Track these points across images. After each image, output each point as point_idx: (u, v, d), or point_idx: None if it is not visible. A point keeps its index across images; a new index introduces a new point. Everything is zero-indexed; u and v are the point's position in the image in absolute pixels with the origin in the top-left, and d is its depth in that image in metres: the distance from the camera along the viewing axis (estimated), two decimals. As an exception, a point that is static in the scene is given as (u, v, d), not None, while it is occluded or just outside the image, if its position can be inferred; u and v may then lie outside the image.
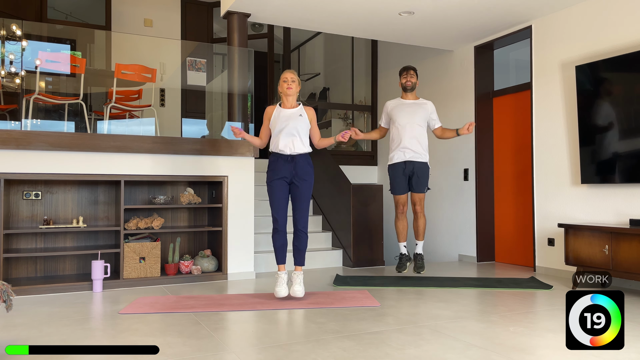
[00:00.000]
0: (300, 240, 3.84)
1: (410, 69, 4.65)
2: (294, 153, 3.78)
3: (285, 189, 3.82)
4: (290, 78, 3.85)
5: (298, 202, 3.82)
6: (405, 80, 4.62)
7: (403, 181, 4.55)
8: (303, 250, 3.87)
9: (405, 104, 4.60)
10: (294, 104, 3.89)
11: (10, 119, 5.42)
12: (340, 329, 2.98)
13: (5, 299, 2.48)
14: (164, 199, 4.69)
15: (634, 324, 3.09)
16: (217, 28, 7.97)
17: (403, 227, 4.62)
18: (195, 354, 2.55)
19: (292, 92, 3.84)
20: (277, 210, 3.79)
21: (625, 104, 4.29)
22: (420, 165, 4.53)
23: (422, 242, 4.67)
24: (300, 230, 3.82)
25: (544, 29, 5.14)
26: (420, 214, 4.53)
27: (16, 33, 5.06)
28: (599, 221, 4.51)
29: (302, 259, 3.88)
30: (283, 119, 3.81)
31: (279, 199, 3.79)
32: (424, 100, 4.68)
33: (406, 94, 4.63)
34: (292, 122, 3.79)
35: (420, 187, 4.53)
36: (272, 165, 3.84)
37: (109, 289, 4.25)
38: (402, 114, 4.56)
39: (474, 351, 2.59)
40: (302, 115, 3.84)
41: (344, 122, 8.13)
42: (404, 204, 4.54)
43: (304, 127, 3.83)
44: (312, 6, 4.95)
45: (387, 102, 4.78)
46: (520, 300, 3.80)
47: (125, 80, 5.26)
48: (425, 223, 4.61)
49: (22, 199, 4.40)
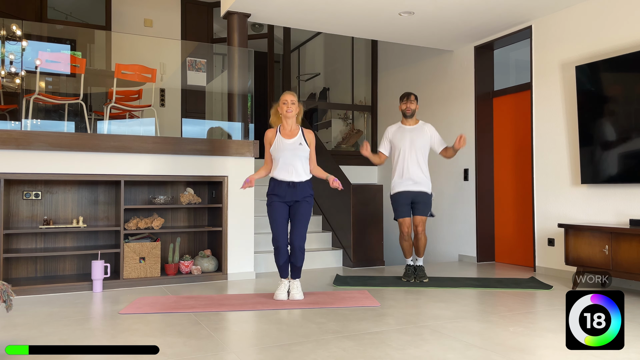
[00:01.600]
0: (297, 258, 3.80)
1: (411, 94, 4.67)
2: (294, 181, 3.77)
3: (285, 209, 3.80)
4: (290, 100, 3.80)
5: (297, 222, 3.78)
6: (405, 107, 4.63)
7: (406, 207, 4.57)
8: (300, 267, 3.85)
9: (406, 130, 4.61)
10: (293, 127, 3.84)
11: (10, 119, 5.42)
12: (340, 329, 2.98)
13: (5, 299, 2.48)
14: (164, 199, 4.69)
15: (634, 324, 3.09)
16: (217, 28, 7.97)
17: (409, 247, 4.66)
18: (195, 354, 2.55)
19: (291, 115, 3.80)
20: (277, 230, 3.77)
21: (625, 104, 4.29)
22: (423, 195, 4.55)
23: (422, 258, 4.69)
24: (296, 248, 3.78)
25: (544, 29, 5.14)
26: (421, 234, 4.55)
27: (16, 33, 5.06)
28: (599, 221, 4.50)
29: (298, 274, 3.88)
30: (283, 149, 3.77)
31: (279, 220, 3.77)
32: (424, 123, 4.68)
33: (406, 119, 4.66)
34: (292, 153, 3.76)
35: (423, 212, 4.55)
36: (272, 190, 3.82)
37: (109, 289, 4.25)
38: (403, 140, 4.58)
39: (474, 351, 2.59)
40: (301, 144, 3.80)
41: (344, 123, 8.13)
42: (409, 226, 4.57)
43: (304, 155, 3.80)
44: (312, 6, 4.95)
45: (388, 127, 4.78)
46: (520, 301, 3.80)
47: (125, 80, 5.26)
48: (426, 242, 4.64)
49: (22, 199, 4.40)
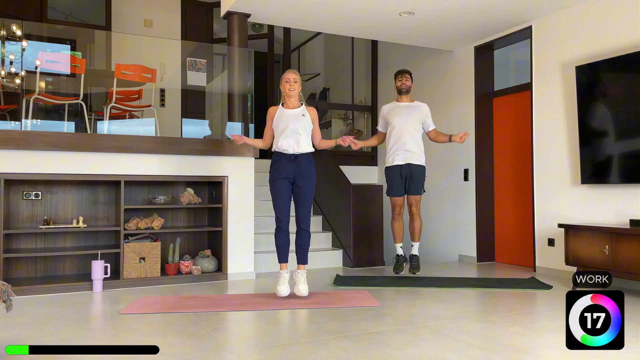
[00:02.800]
0: (303, 240, 3.87)
1: (405, 72, 4.68)
2: (297, 152, 3.81)
3: (288, 188, 3.84)
4: (292, 79, 3.89)
5: (301, 202, 3.85)
6: (401, 83, 4.65)
7: (400, 183, 4.57)
8: (306, 249, 3.90)
9: (401, 107, 4.62)
10: (296, 104, 3.93)
11: (11, 119, 5.42)
12: (340, 329, 2.98)
13: (5, 299, 2.48)
14: (164, 199, 4.69)
15: (634, 324, 3.09)
16: (217, 28, 7.97)
17: (399, 228, 4.64)
18: (195, 354, 2.55)
19: (294, 93, 3.89)
20: (280, 210, 3.82)
21: (625, 104, 4.29)
22: (417, 168, 4.54)
23: (418, 244, 4.68)
24: (303, 230, 3.86)
25: (544, 29, 5.14)
26: (416, 215, 4.54)
27: (16, 33, 5.06)
28: (599, 221, 4.50)
29: (305, 258, 3.91)
30: (286, 118, 3.85)
31: (282, 199, 3.82)
32: (419, 102, 4.69)
33: (401, 96, 4.66)
34: (295, 122, 3.83)
35: (416, 190, 4.54)
36: (275, 165, 3.86)
37: (109, 289, 4.25)
38: (398, 116, 4.58)
39: (473, 351, 2.59)
40: (304, 115, 3.89)
41: (344, 123, 8.12)
42: (401, 205, 4.56)
43: (306, 126, 3.88)
44: (312, 6, 4.95)
45: (382, 106, 4.80)
46: (520, 301, 3.80)
47: (125, 80, 5.26)
48: (421, 224, 4.62)
49: (22, 199, 4.40)
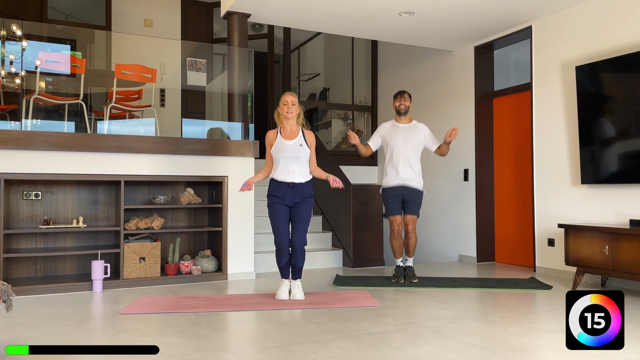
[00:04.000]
0: (297, 259, 3.81)
1: (405, 93, 4.67)
2: (295, 182, 3.78)
3: (286, 211, 3.81)
4: (290, 101, 3.83)
5: (298, 223, 3.80)
6: (399, 104, 4.63)
7: (397, 202, 4.56)
8: (301, 267, 3.87)
9: (400, 128, 4.61)
10: (294, 128, 3.87)
11: (11, 119, 5.42)
12: (340, 329, 2.98)
13: (5, 299, 2.48)
14: (164, 199, 4.69)
15: (634, 324, 3.09)
16: (217, 28, 7.97)
17: (399, 246, 4.65)
18: (195, 354, 2.55)
19: (292, 116, 3.82)
20: (279, 232, 3.78)
21: (625, 105, 4.29)
22: (414, 192, 4.54)
23: (412, 258, 4.69)
24: (298, 249, 3.79)
25: (544, 30, 5.14)
26: (411, 233, 4.55)
27: (16, 33, 5.06)
28: (599, 221, 4.50)
29: (299, 274, 3.89)
30: (284, 150, 3.79)
31: (281, 221, 3.78)
32: (418, 123, 4.68)
33: (400, 117, 4.65)
34: (293, 154, 3.78)
35: (413, 211, 4.55)
36: (272, 191, 3.83)
37: (109, 289, 4.25)
38: (396, 138, 4.57)
39: (474, 351, 2.59)
40: (302, 145, 3.82)
41: (344, 123, 8.13)
42: (399, 224, 4.57)
43: (304, 156, 3.83)
44: (312, 6, 4.95)
45: (382, 124, 4.79)
46: (520, 301, 3.80)
47: (125, 80, 5.26)
48: (416, 242, 4.64)
49: (22, 199, 4.40)
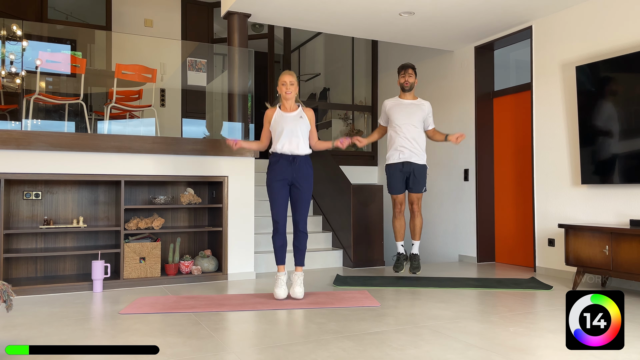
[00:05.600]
0: (300, 241, 3.88)
1: (409, 67, 4.60)
2: (295, 154, 3.81)
3: (285, 190, 3.84)
4: (289, 81, 3.86)
5: (298, 204, 3.85)
6: (404, 80, 4.59)
7: (400, 181, 4.54)
8: (303, 250, 3.91)
9: (403, 104, 4.58)
10: (293, 107, 3.92)
11: (11, 119, 5.42)
12: (340, 329, 2.98)
13: (6, 299, 2.48)
14: (164, 199, 4.69)
15: (634, 324, 3.09)
16: (218, 28, 7.97)
17: (400, 226, 4.62)
18: (196, 354, 2.55)
19: (290, 96, 3.87)
20: (277, 212, 3.82)
21: (625, 105, 4.29)
22: (418, 166, 4.52)
23: (418, 243, 4.65)
24: (300, 231, 3.87)
25: (544, 30, 5.14)
26: (417, 213, 4.51)
27: (16, 33, 5.06)
28: (599, 221, 4.50)
29: (302, 259, 3.91)
30: (284, 121, 3.85)
31: (280, 201, 3.82)
32: (422, 100, 4.66)
33: (404, 93, 4.61)
34: (293, 124, 3.83)
35: (417, 187, 4.52)
36: (272, 166, 3.86)
37: (109, 289, 4.25)
38: (400, 114, 4.54)
39: (474, 352, 2.59)
40: (302, 117, 3.88)
41: (344, 123, 8.12)
42: (402, 203, 4.54)
43: (304, 128, 3.88)
44: (313, 6, 4.95)
45: (385, 101, 4.78)
46: (520, 301, 3.80)
47: (125, 80, 5.26)
48: (422, 223, 4.59)
49: (22, 199, 4.40)
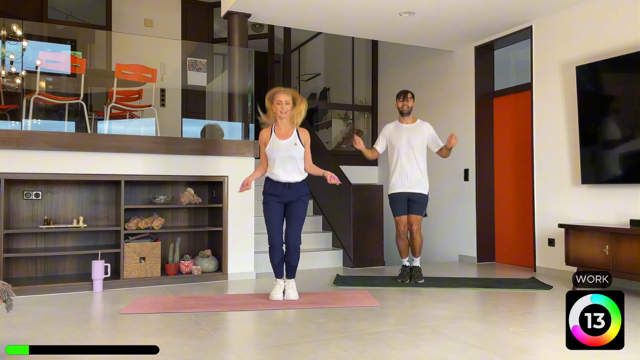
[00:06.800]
0: (291, 257, 3.77)
1: (407, 93, 4.65)
2: (290, 181, 3.75)
3: (281, 208, 3.79)
4: (284, 101, 3.72)
5: (292, 221, 3.77)
6: (402, 105, 4.61)
7: (403, 205, 4.58)
8: (295, 266, 3.83)
9: (403, 129, 4.61)
10: (288, 127, 3.79)
11: (11, 119, 5.42)
12: (340, 329, 2.98)
13: (6, 299, 2.48)
14: (164, 199, 4.69)
15: (634, 324, 3.09)
16: (218, 28, 7.97)
17: (405, 246, 4.65)
18: (196, 354, 2.55)
19: (285, 116, 3.74)
20: (272, 229, 3.74)
21: (625, 105, 4.29)
22: (419, 195, 4.55)
23: (419, 259, 4.67)
24: (292, 247, 3.75)
25: (544, 30, 5.14)
26: (416, 233, 4.55)
27: (17, 33, 5.06)
28: (599, 221, 4.50)
29: (293, 274, 3.85)
30: (278, 149, 3.73)
31: (275, 218, 3.76)
32: (421, 121, 4.67)
33: (403, 117, 4.64)
34: (287, 153, 3.72)
35: (418, 210, 4.56)
36: (268, 190, 3.80)
37: (109, 289, 4.25)
38: (400, 140, 4.57)
39: (474, 351, 2.59)
40: (296, 144, 3.76)
41: (345, 123, 8.12)
42: (405, 224, 4.57)
43: (299, 155, 3.76)
44: (313, 6, 4.95)
45: (386, 125, 4.78)
46: (520, 301, 3.80)
47: (125, 80, 5.26)
48: (422, 241, 4.62)
49: (23, 199, 4.40)
